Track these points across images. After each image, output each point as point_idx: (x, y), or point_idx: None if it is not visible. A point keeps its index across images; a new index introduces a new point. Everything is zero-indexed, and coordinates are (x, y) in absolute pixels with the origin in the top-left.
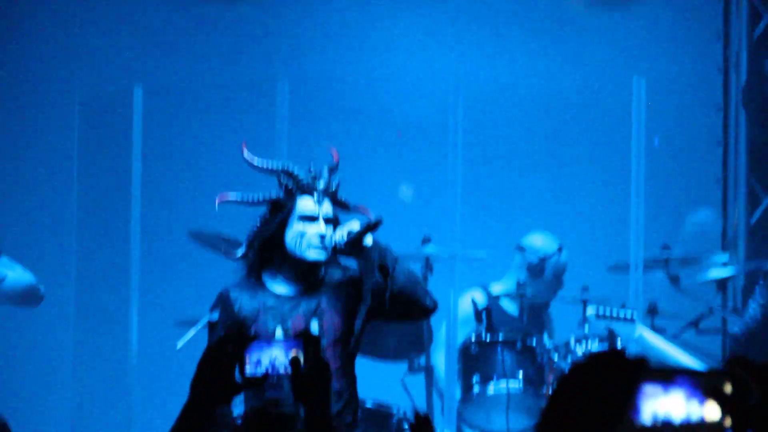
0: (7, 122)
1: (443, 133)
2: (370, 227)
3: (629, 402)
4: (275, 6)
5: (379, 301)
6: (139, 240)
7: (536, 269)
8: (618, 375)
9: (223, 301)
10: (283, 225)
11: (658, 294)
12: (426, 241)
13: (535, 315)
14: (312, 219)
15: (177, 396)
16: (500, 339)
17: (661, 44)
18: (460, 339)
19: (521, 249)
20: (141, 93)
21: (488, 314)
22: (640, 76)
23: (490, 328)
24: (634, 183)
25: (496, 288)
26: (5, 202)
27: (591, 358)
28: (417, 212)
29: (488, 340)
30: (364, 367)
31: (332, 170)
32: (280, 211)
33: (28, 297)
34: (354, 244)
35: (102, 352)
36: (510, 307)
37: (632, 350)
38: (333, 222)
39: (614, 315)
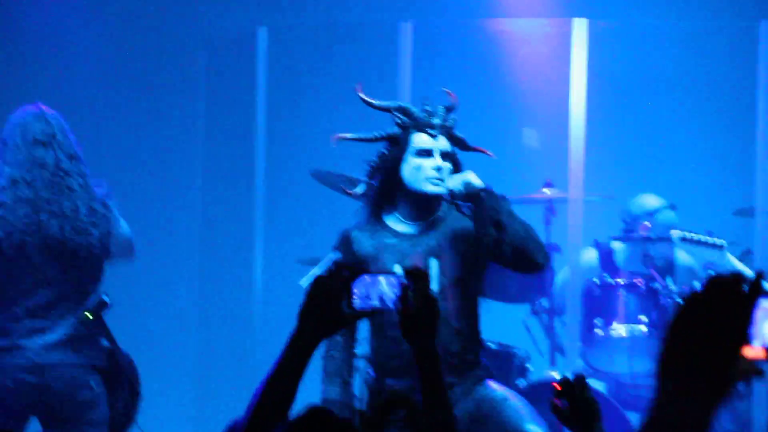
0: (136, 66)
1: (566, 79)
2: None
3: (750, 325)
4: None
5: (494, 252)
6: (263, 179)
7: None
8: (739, 299)
9: (345, 241)
10: (399, 160)
11: None
12: (548, 185)
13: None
14: (428, 153)
15: None
16: (624, 281)
17: None
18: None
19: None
20: (266, 35)
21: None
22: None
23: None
24: (760, 128)
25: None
26: (134, 141)
27: (710, 283)
28: (540, 156)
29: (612, 282)
30: (487, 308)
31: (449, 109)
32: (396, 147)
33: (125, 253)
34: (469, 195)
35: (226, 292)
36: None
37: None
38: (451, 157)
39: (701, 240)
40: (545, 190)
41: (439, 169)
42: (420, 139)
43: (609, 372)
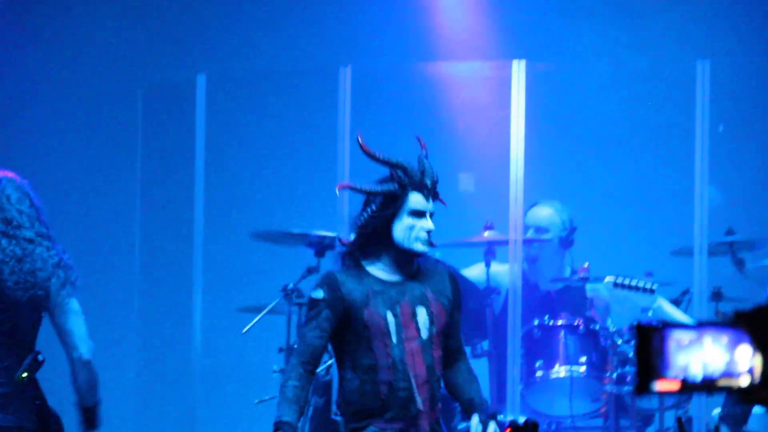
0: (72, 114)
1: (506, 121)
2: None
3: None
4: None
5: None
6: (202, 226)
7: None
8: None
9: (331, 282)
10: (393, 217)
11: (723, 279)
12: (489, 227)
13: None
14: (421, 214)
15: (240, 381)
16: (563, 323)
17: (725, 27)
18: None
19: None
20: (204, 82)
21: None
22: (705, 59)
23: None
24: (697, 167)
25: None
26: (70, 194)
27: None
28: (481, 199)
29: (551, 324)
30: None
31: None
32: (392, 204)
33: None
34: None
35: (166, 339)
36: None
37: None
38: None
39: (633, 285)
40: (486, 233)
41: (430, 231)
42: (416, 200)
43: (549, 414)
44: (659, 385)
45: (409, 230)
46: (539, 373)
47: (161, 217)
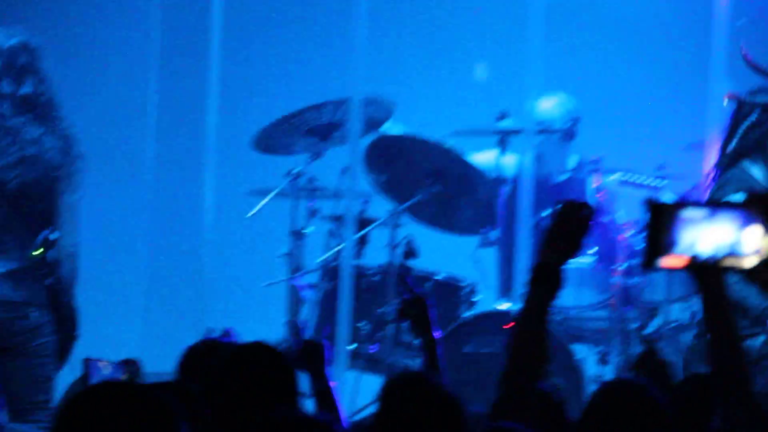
0: (86, 21)
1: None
2: None
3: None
4: None
5: None
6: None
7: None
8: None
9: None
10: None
11: None
12: (502, 116)
13: None
14: None
15: (248, 265)
16: None
17: None
18: None
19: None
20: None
21: None
22: None
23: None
24: (714, 61)
25: None
26: (86, 96)
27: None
28: (495, 89)
29: None
30: (437, 239)
31: None
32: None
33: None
34: None
35: (177, 221)
36: None
37: None
38: None
39: (640, 182)
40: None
41: None
42: None
43: (555, 304)
44: (666, 261)
45: None
46: None
47: (176, 98)
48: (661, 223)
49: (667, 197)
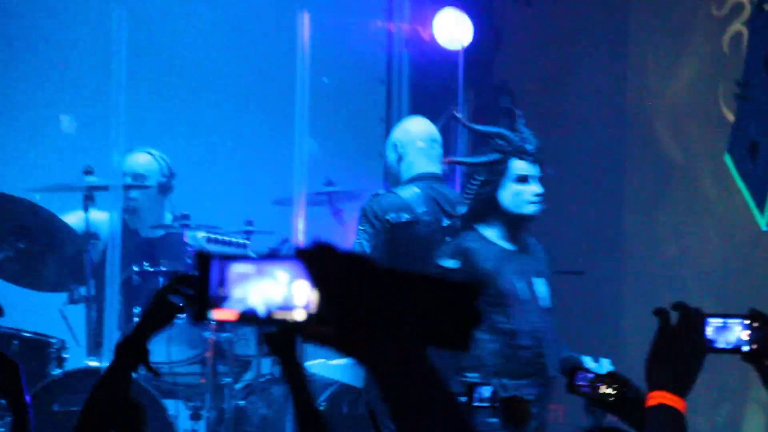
0: None
1: (107, 63)
2: None
3: None
4: None
5: None
6: None
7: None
8: None
9: (464, 253)
10: (498, 186)
11: (322, 228)
12: (88, 171)
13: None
14: (526, 180)
15: None
16: (165, 270)
17: None
18: None
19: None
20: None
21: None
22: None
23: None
24: (298, 118)
25: None
26: None
27: None
28: (81, 143)
29: (151, 270)
30: (24, 296)
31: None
32: (495, 173)
33: None
34: None
35: None
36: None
37: None
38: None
39: (225, 240)
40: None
41: (538, 195)
42: (519, 166)
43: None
44: (216, 314)
45: (516, 196)
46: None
47: None
48: (212, 276)
49: (217, 250)
